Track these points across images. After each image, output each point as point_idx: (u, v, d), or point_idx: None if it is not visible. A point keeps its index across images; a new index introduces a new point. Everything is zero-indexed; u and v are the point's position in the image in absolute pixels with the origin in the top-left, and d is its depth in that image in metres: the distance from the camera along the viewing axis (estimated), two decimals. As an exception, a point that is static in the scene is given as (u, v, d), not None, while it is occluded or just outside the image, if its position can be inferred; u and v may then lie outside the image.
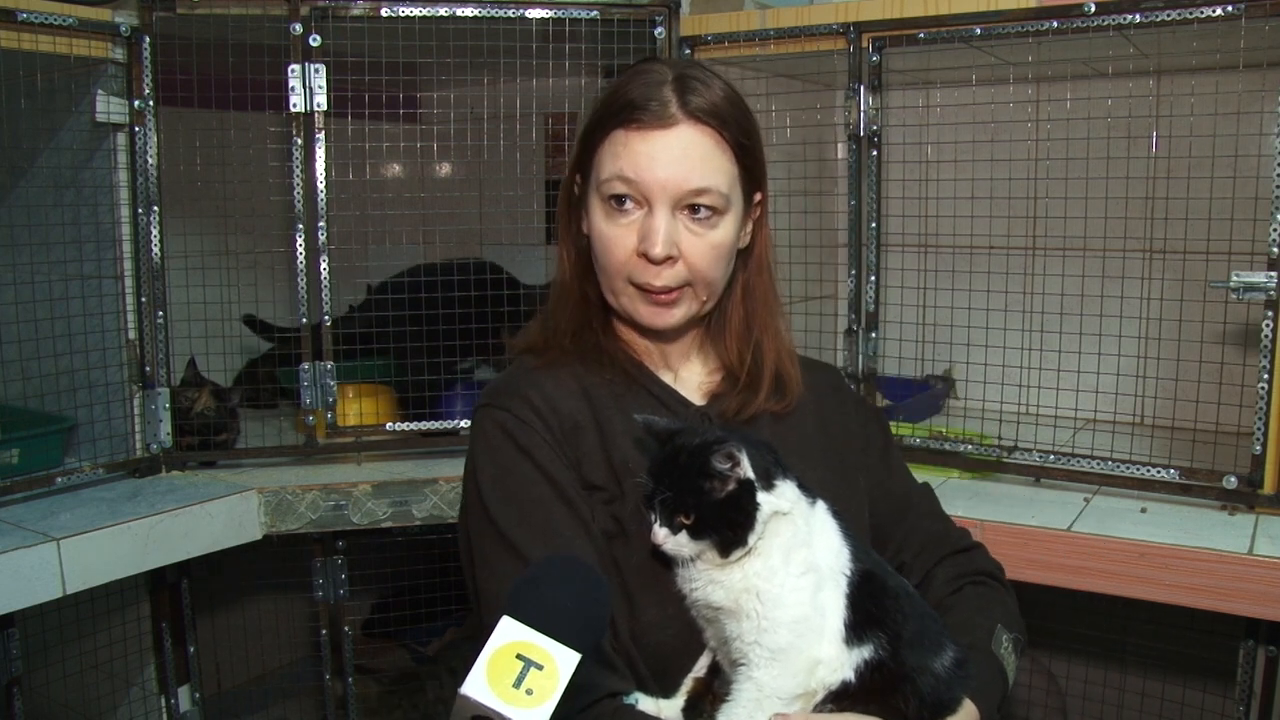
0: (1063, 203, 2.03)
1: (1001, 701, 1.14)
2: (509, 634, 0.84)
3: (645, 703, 1.07)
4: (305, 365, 1.94)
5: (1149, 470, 1.70)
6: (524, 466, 1.13)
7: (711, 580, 1.02)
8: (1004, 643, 1.17)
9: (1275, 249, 1.55)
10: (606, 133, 1.15)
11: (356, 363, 2.12)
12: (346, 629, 1.98)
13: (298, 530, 1.86)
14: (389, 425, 2.03)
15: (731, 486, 1.00)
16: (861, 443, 1.31)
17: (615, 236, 1.14)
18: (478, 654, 0.83)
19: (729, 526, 1.00)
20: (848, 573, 1.04)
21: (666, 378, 1.24)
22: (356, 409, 2.08)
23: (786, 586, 1.00)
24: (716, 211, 1.14)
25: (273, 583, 2.11)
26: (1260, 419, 1.59)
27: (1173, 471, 1.68)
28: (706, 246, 1.14)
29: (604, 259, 1.17)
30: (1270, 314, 1.56)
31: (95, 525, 1.64)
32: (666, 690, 1.10)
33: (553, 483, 1.12)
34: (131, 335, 1.90)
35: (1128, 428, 2.02)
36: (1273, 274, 1.55)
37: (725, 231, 1.16)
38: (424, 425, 2.05)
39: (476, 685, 0.81)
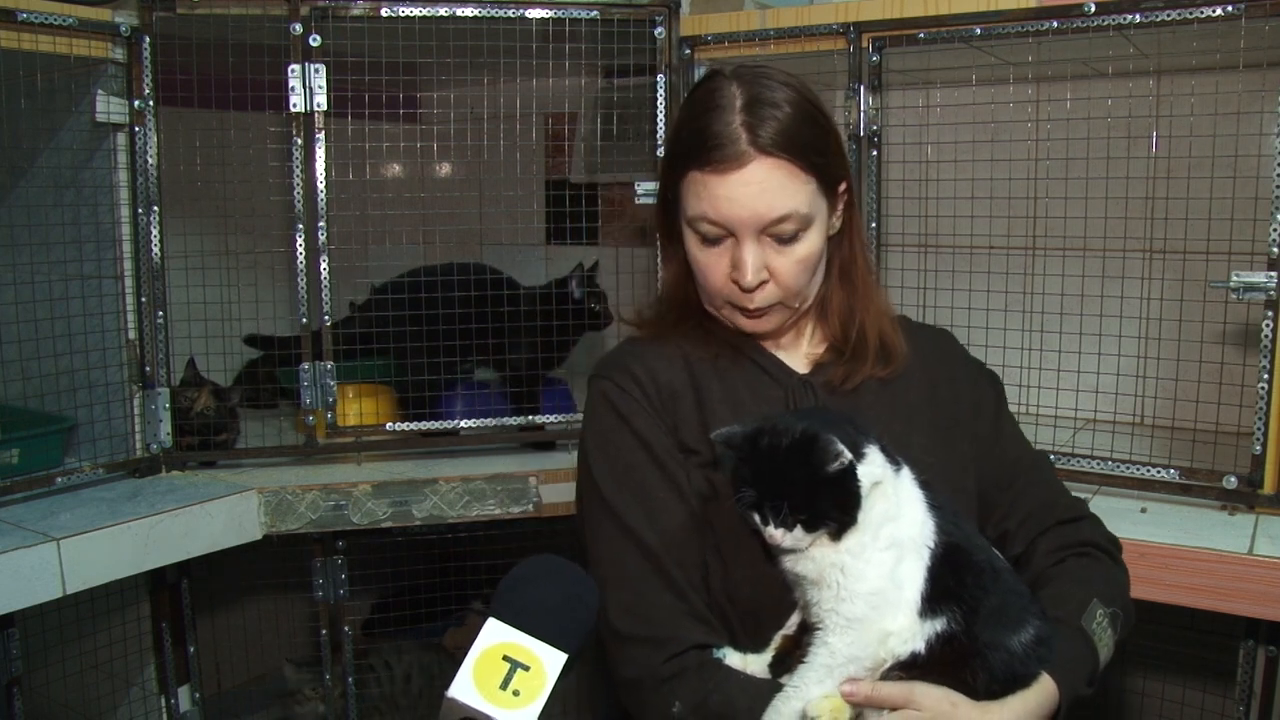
0: (1063, 203, 2.03)
1: (1094, 676, 1.16)
2: (495, 635, 0.85)
3: (733, 657, 1.14)
4: (305, 365, 1.94)
5: (1149, 470, 1.70)
6: (622, 433, 1.22)
7: (805, 554, 1.06)
8: (1098, 617, 1.17)
9: (1275, 249, 1.55)
10: (685, 171, 1.20)
11: (357, 363, 2.12)
12: (346, 629, 1.98)
13: (298, 530, 1.86)
14: (389, 425, 2.03)
15: (836, 475, 1.03)
16: (972, 407, 1.33)
17: (709, 265, 1.22)
18: (464, 657, 0.83)
19: (841, 511, 1.03)
20: (931, 545, 1.07)
21: (771, 348, 1.30)
22: (356, 409, 2.08)
23: (872, 561, 1.04)
24: (801, 228, 1.19)
25: (273, 583, 2.11)
26: (1260, 419, 1.58)
27: (1173, 471, 1.68)
28: (793, 263, 1.20)
29: (701, 282, 1.25)
30: (1270, 314, 1.56)
31: (95, 525, 1.64)
32: (758, 645, 1.16)
33: (648, 448, 1.21)
34: (131, 335, 1.90)
35: (1128, 428, 2.01)
36: (1273, 274, 1.55)
37: (811, 243, 1.21)
38: (424, 425, 2.05)
39: (463, 687, 0.82)
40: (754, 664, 1.14)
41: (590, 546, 1.22)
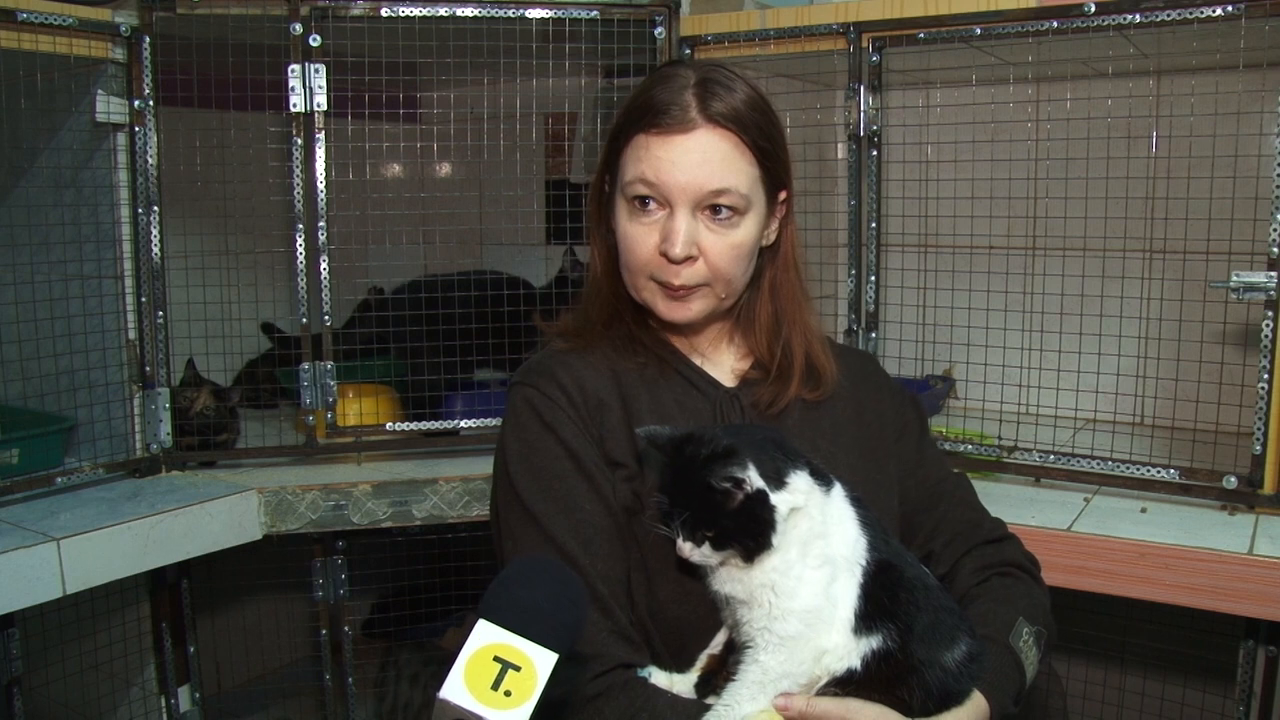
0: (1063, 203, 2.03)
1: (1020, 694, 1.15)
2: (486, 636, 0.85)
3: (659, 676, 1.10)
4: (305, 365, 1.94)
5: (1149, 470, 1.70)
6: (548, 441, 1.17)
7: (731, 577, 1.04)
8: (1024, 635, 1.17)
9: (1275, 249, 1.55)
10: (630, 137, 1.18)
11: (358, 362, 2.12)
12: (346, 629, 1.98)
13: (298, 530, 1.86)
14: (389, 425, 2.03)
15: (742, 499, 1.01)
16: (896, 429, 1.32)
17: (638, 235, 1.18)
18: (455, 657, 0.83)
19: (750, 535, 1.01)
20: (863, 562, 1.06)
21: (697, 361, 1.27)
22: (356, 409, 2.08)
23: (803, 579, 1.02)
24: (737, 211, 1.17)
25: (273, 583, 2.11)
26: (1260, 419, 1.59)
27: (1173, 471, 1.68)
28: (726, 246, 1.17)
29: (627, 256, 1.20)
30: (1270, 314, 1.56)
31: (95, 525, 1.64)
32: (682, 665, 1.12)
33: (575, 458, 1.16)
34: (131, 335, 1.90)
35: (1128, 428, 2.02)
36: (1273, 274, 1.55)
37: (746, 231, 1.18)
38: (424, 425, 2.05)
39: (455, 689, 0.82)
40: (680, 684, 1.11)
41: (509, 558, 1.16)
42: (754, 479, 1.00)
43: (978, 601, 1.21)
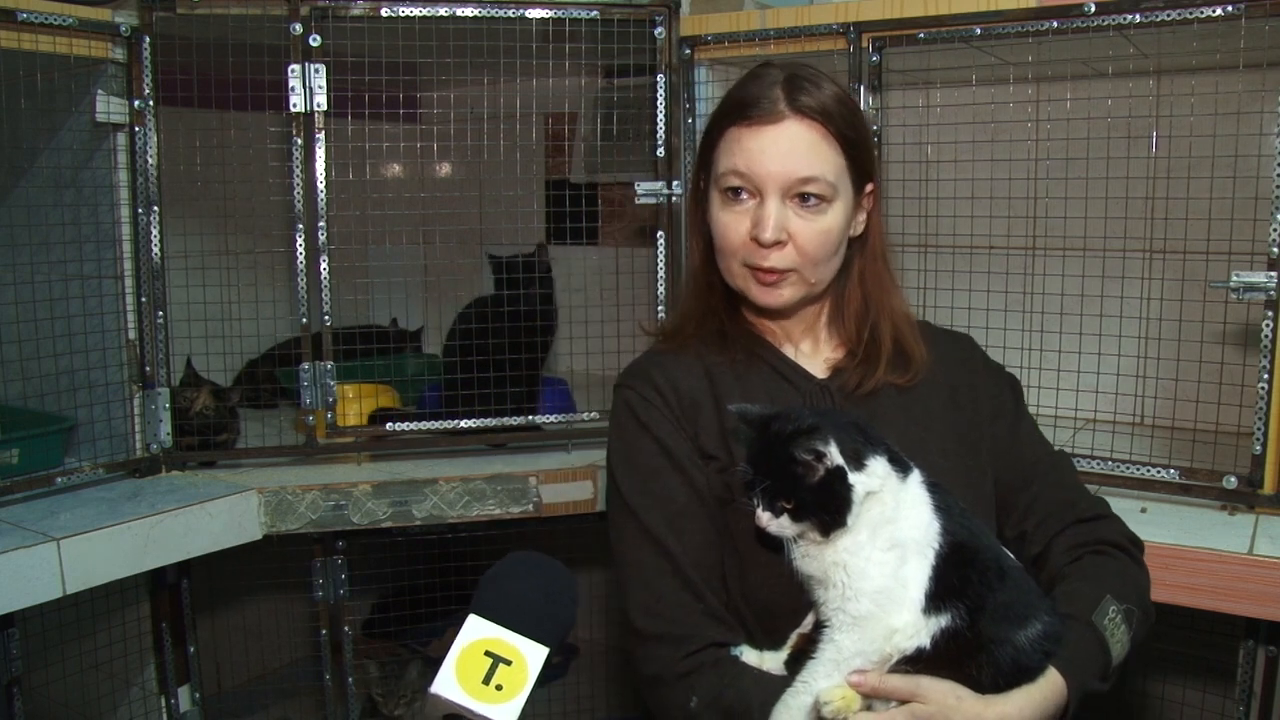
0: (1063, 203, 2.03)
1: (1107, 672, 1.16)
2: (476, 631, 0.86)
3: (749, 654, 1.19)
4: (305, 365, 1.94)
5: (1149, 470, 1.70)
6: (643, 439, 1.26)
7: (806, 554, 1.10)
8: (1109, 613, 1.18)
9: (1275, 249, 1.55)
10: (722, 131, 1.26)
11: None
12: (346, 629, 1.98)
13: (298, 530, 1.86)
14: (389, 425, 2.03)
15: (822, 474, 1.06)
16: (991, 411, 1.35)
17: (730, 223, 1.25)
18: (446, 653, 0.84)
19: (827, 510, 1.06)
20: (936, 546, 1.09)
21: (788, 352, 1.33)
22: (357, 409, 2.08)
23: (872, 560, 1.07)
24: (824, 199, 1.23)
25: (273, 583, 2.11)
26: (1260, 419, 1.58)
27: (1173, 471, 1.68)
28: (814, 232, 1.23)
29: (721, 242, 1.28)
30: (1270, 314, 1.56)
31: (95, 525, 1.64)
32: (775, 643, 1.20)
33: (669, 454, 1.25)
34: (131, 335, 1.90)
35: (1128, 428, 2.01)
36: (1273, 274, 1.55)
37: (833, 218, 1.24)
38: (425, 425, 2.05)
39: (446, 684, 0.83)
40: (770, 661, 1.18)
41: (614, 549, 1.27)
42: (834, 455, 1.05)
43: (1067, 580, 1.23)
